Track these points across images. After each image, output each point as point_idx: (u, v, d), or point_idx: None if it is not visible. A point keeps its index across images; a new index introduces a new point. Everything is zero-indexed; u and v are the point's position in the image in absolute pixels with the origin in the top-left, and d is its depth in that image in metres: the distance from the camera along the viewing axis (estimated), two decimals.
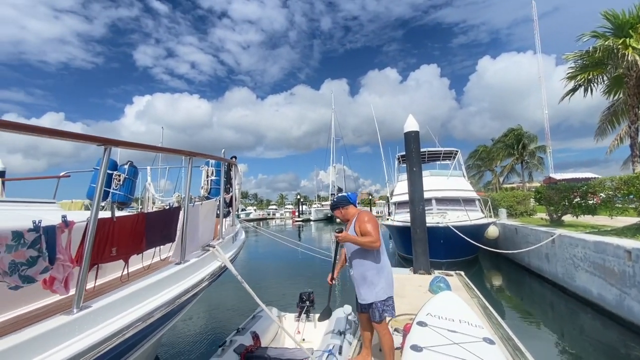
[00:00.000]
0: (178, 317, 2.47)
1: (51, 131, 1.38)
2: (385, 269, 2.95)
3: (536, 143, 28.95)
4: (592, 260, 6.76)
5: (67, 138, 1.47)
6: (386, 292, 2.92)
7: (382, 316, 2.90)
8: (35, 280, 1.35)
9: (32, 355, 1.25)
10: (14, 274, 1.28)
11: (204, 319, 7.17)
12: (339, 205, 3.06)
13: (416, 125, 7.82)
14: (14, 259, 1.28)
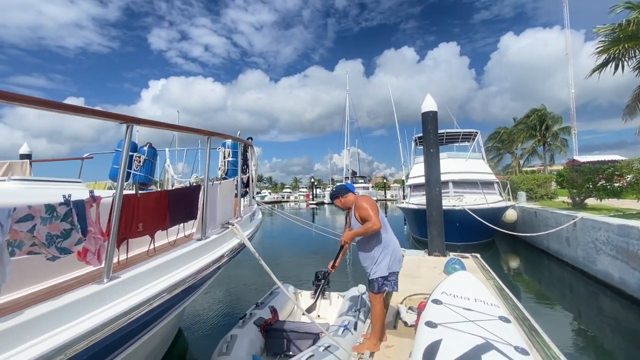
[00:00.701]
0: (200, 291, 2.59)
1: (77, 108, 1.42)
2: (389, 246, 3.05)
3: (560, 124, 27.72)
4: (615, 243, 6.56)
5: (92, 115, 1.52)
6: (390, 268, 3.02)
7: (381, 289, 3.01)
8: (70, 251, 1.44)
9: (68, 320, 1.34)
10: (52, 246, 1.36)
11: (223, 294, 7.46)
12: (338, 195, 3.21)
13: (434, 105, 7.62)
14: (50, 231, 1.36)
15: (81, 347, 1.28)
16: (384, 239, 3.04)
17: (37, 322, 1.23)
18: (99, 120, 1.62)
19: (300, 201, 63.39)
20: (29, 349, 1.16)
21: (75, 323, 1.33)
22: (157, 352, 3.64)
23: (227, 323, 5.54)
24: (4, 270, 1.17)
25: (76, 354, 1.26)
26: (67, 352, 1.23)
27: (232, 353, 3.12)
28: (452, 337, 2.34)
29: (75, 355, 1.26)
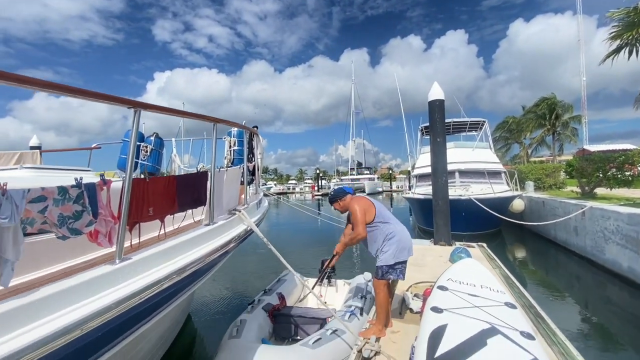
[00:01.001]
0: (208, 275, 2.63)
1: (86, 92, 1.44)
2: (394, 237, 3.08)
3: (571, 113, 27.18)
4: (625, 232, 6.49)
5: (100, 99, 1.53)
6: (396, 257, 3.05)
7: (384, 276, 3.07)
8: (81, 232, 1.47)
9: (83, 297, 1.39)
10: (63, 226, 1.40)
11: (230, 282, 7.59)
12: (336, 198, 3.28)
13: (441, 93, 7.52)
14: (62, 212, 1.39)
15: (97, 323, 1.33)
16: (387, 230, 3.08)
17: (53, 299, 1.28)
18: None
19: (306, 192, 63.54)
20: (47, 324, 1.21)
21: (90, 301, 1.38)
22: (167, 335, 3.74)
23: (235, 310, 5.64)
24: (18, 248, 1.20)
25: (92, 330, 1.31)
26: (84, 327, 1.27)
27: (242, 336, 3.20)
28: (457, 322, 2.36)
29: (91, 331, 1.31)
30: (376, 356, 2.78)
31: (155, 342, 3.23)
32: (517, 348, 2.07)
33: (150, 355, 3.29)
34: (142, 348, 2.87)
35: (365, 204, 3.10)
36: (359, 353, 2.80)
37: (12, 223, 1.15)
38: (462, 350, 2.02)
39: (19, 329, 1.16)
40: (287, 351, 3.04)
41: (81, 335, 1.28)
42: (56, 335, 1.18)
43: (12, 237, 1.17)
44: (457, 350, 2.02)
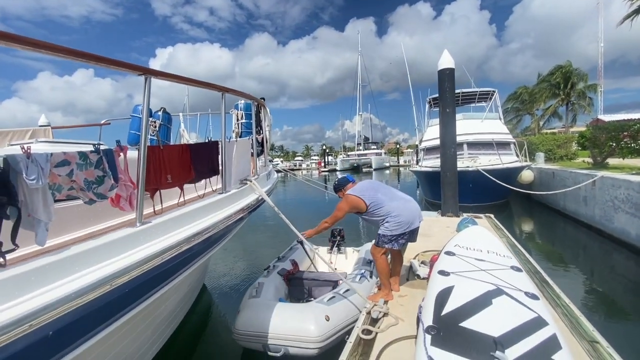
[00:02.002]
0: (222, 243, 2.73)
1: (94, 57, 1.45)
2: (394, 211, 3.12)
3: (586, 82, 26.14)
4: (635, 201, 6.44)
5: (109, 65, 1.55)
6: (393, 230, 3.11)
7: (380, 244, 3.17)
8: (106, 196, 1.54)
9: (106, 258, 1.47)
10: (90, 191, 1.46)
11: (242, 254, 7.83)
12: (340, 188, 3.38)
13: (452, 61, 7.28)
14: (87, 177, 1.45)
15: (123, 280, 1.42)
16: (381, 212, 3.14)
17: (81, 257, 1.36)
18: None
19: (313, 169, 63.61)
20: (77, 279, 1.30)
21: (115, 260, 1.46)
22: (185, 301, 3.94)
23: (247, 280, 5.88)
24: (49, 209, 1.27)
25: (120, 286, 1.40)
26: (113, 283, 1.36)
27: (262, 296, 3.47)
28: (464, 283, 2.43)
29: (119, 287, 1.40)
30: (384, 317, 2.90)
31: (174, 307, 3.42)
32: (521, 307, 2.14)
33: (170, 320, 3.49)
34: (162, 312, 3.04)
35: (353, 202, 3.16)
36: (367, 315, 2.92)
37: (40, 184, 1.21)
38: (468, 309, 2.10)
39: (51, 284, 1.24)
40: (304, 307, 3.30)
41: (110, 290, 1.37)
42: (86, 290, 1.27)
43: (41, 198, 1.23)
44: (463, 309, 2.11)
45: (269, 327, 3.06)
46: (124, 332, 2.32)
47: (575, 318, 2.83)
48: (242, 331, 3.18)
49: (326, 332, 3.06)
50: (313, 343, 3.00)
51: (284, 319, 3.12)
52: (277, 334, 3.06)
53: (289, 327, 3.06)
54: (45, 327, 1.07)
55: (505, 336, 1.84)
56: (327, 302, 3.31)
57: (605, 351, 2.34)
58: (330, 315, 3.17)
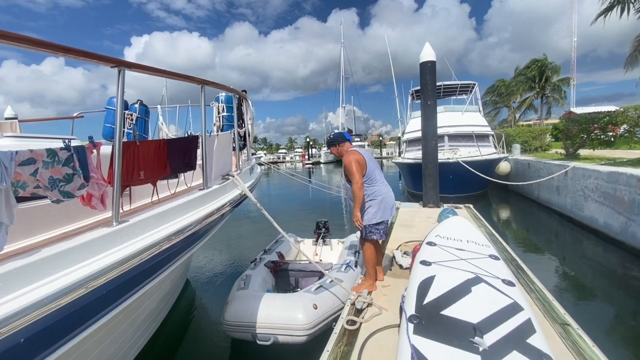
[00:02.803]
0: (205, 239, 2.69)
1: (65, 49, 1.37)
2: (378, 196, 3.15)
3: (559, 75, 27.13)
4: (603, 190, 6.78)
5: (79, 56, 1.47)
6: (379, 217, 3.14)
7: (368, 236, 3.19)
8: (73, 195, 1.47)
9: (82, 259, 1.41)
10: (54, 189, 1.39)
11: (226, 248, 7.75)
12: (335, 142, 3.24)
13: (433, 54, 7.35)
14: (52, 175, 1.38)
15: (100, 282, 1.37)
16: (370, 191, 3.14)
17: (53, 260, 1.30)
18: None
19: (296, 161, 63.39)
20: (50, 283, 1.24)
21: (90, 261, 1.41)
22: (168, 298, 3.87)
23: (232, 275, 5.83)
24: (11, 211, 1.20)
25: (97, 288, 1.35)
26: (88, 286, 1.31)
27: (250, 288, 3.54)
28: (444, 273, 2.50)
29: (96, 289, 1.35)
30: (368, 307, 2.96)
31: (156, 305, 3.35)
32: (498, 294, 2.23)
33: (152, 318, 3.43)
34: (143, 311, 2.97)
35: (360, 160, 3.05)
36: (352, 305, 2.97)
37: (3, 185, 1.14)
38: (449, 297, 2.17)
39: (21, 289, 1.17)
40: (293, 297, 3.39)
41: (86, 293, 1.32)
42: (60, 294, 1.21)
43: (4, 199, 1.16)
44: (444, 297, 2.17)
45: (258, 317, 3.13)
46: (103, 334, 2.26)
47: (548, 302, 2.97)
48: (232, 322, 3.23)
49: (314, 319, 3.16)
50: (302, 331, 3.09)
51: (273, 309, 3.19)
52: (266, 323, 3.13)
53: (277, 316, 3.15)
54: (15, 335, 1.02)
55: (484, 322, 1.91)
56: (314, 291, 3.41)
57: (576, 332, 2.48)
58: (318, 304, 3.27)
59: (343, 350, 2.44)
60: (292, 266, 4.37)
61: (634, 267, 5.41)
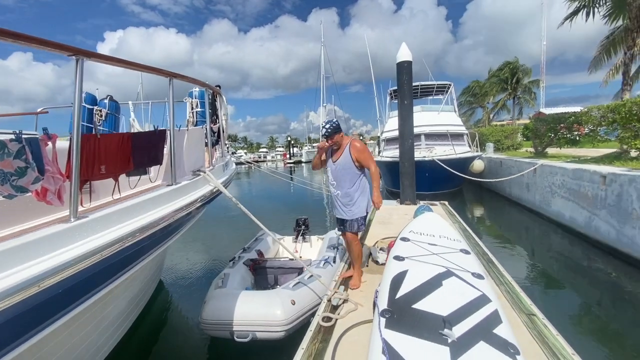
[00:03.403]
0: (176, 237, 2.61)
1: (15, 35, 1.28)
2: (366, 189, 3.22)
3: (529, 77, 28.34)
4: (569, 186, 7.13)
5: (31, 43, 1.37)
6: (367, 209, 3.24)
7: (360, 229, 3.24)
8: (27, 190, 1.38)
9: (32, 257, 1.32)
10: (5, 183, 1.30)
11: (204, 248, 7.58)
12: (338, 130, 3.15)
13: (409, 54, 7.48)
14: (2, 168, 1.29)
15: (54, 280, 1.29)
16: (362, 183, 3.19)
17: (2, 257, 1.21)
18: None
19: (278, 160, 62.90)
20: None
21: (45, 259, 1.32)
22: (138, 299, 3.74)
23: (210, 274, 5.71)
24: None
25: (51, 287, 1.27)
26: (41, 284, 1.23)
27: (228, 286, 3.53)
28: (417, 268, 2.54)
29: (50, 288, 1.27)
30: (344, 304, 2.97)
31: (125, 305, 3.23)
32: (467, 286, 2.28)
33: (121, 320, 3.30)
34: (111, 311, 2.85)
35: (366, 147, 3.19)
36: (328, 302, 2.97)
37: None
38: (420, 291, 2.20)
39: None
40: (271, 293, 3.40)
41: (39, 292, 1.24)
42: (8, 293, 1.13)
43: None
44: (416, 291, 2.20)
45: (236, 314, 3.13)
46: (64, 336, 2.15)
47: (516, 294, 3.08)
48: (209, 320, 3.22)
49: (292, 315, 3.18)
50: (280, 326, 3.11)
51: (251, 306, 3.20)
52: (244, 321, 3.14)
53: (256, 313, 3.16)
54: None
55: (453, 315, 1.95)
56: (292, 287, 3.43)
57: (541, 322, 2.58)
58: (296, 300, 3.28)
59: (318, 347, 2.43)
60: (271, 263, 4.36)
61: (597, 258, 5.72)
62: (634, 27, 9.06)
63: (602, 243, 5.96)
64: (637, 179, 5.13)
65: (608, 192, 5.81)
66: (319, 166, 3.37)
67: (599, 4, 10.04)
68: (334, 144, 3.12)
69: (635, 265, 5.12)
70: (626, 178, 5.37)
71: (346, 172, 3.12)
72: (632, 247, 5.21)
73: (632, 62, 9.56)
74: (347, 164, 3.11)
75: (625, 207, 5.37)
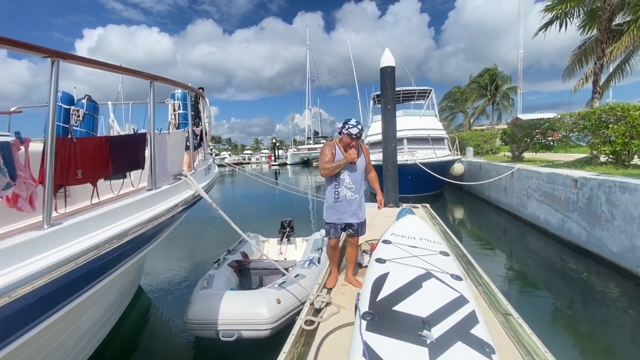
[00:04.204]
0: (155, 242, 2.56)
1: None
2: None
3: (509, 84, 29.36)
4: (543, 190, 7.42)
5: (8, 45, 1.33)
6: None
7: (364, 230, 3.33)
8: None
9: (4, 264, 1.27)
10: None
11: (186, 252, 7.42)
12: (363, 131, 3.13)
13: (392, 60, 7.61)
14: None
15: (26, 290, 1.25)
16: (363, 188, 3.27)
17: None
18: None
19: (262, 162, 62.45)
20: None
21: (14, 268, 1.28)
22: (116, 306, 3.63)
23: (192, 276, 5.61)
24: None
25: (23, 297, 1.23)
26: (12, 294, 1.19)
27: (213, 287, 3.58)
28: (398, 270, 2.59)
29: (22, 298, 1.23)
30: (327, 307, 2.98)
31: (102, 313, 3.13)
32: (446, 288, 2.34)
33: (98, 327, 3.20)
34: (86, 320, 2.76)
35: None
36: (311, 305, 2.97)
37: None
38: (401, 293, 2.24)
39: None
40: (256, 293, 3.46)
41: (9, 302, 1.20)
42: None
43: None
44: (396, 294, 2.24)
45: (221, 314, 3.18)
46: (37, 346, 2.07)
47: (494, 294, 3.18)
48: (195, 320, 3.25)
49: (277, 313, 3.26)
50: (265, 324, 3.17)
51: (237, 306, 3.26)
52: (230, 320, 3.18)
53: (241, 312, 3.21)
54: None
55: (432, 316, 2.00)
56: (277, 287, 3.51)
57: (516, 322, 2.67)
58: (282, 299, 3.36)
59: (300, 351, 2.43)
60: (256, 264, 4.43)
61: (570, 259, 5.97)
62: (603, 38, 9.56)
63: (574, 244, 6.23)
64: (605, 183, 5.40)
65: (579, 195, 6.08)
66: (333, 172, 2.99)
67: (572, 16, 10.53)
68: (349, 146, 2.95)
69: (604, 265, 5.38)
70: (596, 182, 5.64)
71: (362, 176, 3.16)
72: (601, 247, 5.47)
73: (602, 72, 10.05)
74: (363, 167, 3.13)
75: (594, 210, 5.63)
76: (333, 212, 3.15)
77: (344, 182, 3.07)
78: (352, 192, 3.10)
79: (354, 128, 2.88)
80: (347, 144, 2.94)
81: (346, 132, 2.90)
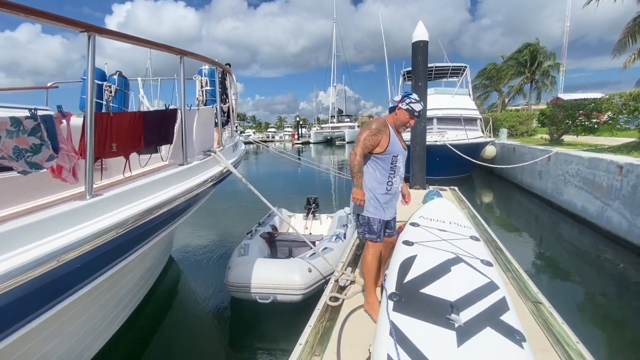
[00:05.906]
0: (186, 216, 2.65)
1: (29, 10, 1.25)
2: None
3: (553, 60, 27.15)
4: (583, 175, 6.97)
5: (46, 19, 1.35)
6: None
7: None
8: (42, 167, 1.40)
9: (50, 233, 1.35)
10: (20, 159, 1.31)
11: (215, 226, 7.69)
12: None
13: (426, 34, 7.20)
14: (17, 144, 1.30)
15: (72, 255, 1.32)
16: None
17: (22, 232, 1.25)
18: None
19: (286, 141, 62.73)
20: (18, 255, 1.19)
21: (62, 234, 1.36)
22: (149, 275, 3.85)
23: (220, 251, 5.84)
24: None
25: (68, 262, 1.31)
26: (60, 259, 1.27)
27: (249, 254, 3.88)
28: (426, 253, 2.54)
29: (68, 263, 1.31)
30: (351, 285, 3.01)
31: (136, 280, 3.33)
32: (476, 273, 2.28)
33: (132, 294, 3.42)
34: (123, 286, 2.95)
35: None
36: (335, 282, 3.01)
37: None
38: (429, 276, 2.21)
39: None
40: (290, 262, 3.81)
41: (57, 266, 1.28)
42: (29, 266, 1.17)
43: None
44: (424, 276, 2.21)
45: (259, 278, 3.51)
46: (81, 307, 2.23)
47: (523, 282, 3.08)
48: (235, 284, 3.58)
49: (309, 281, 3.56)
50: (298, 290, 3.49)
51: (272, 272, 3.58)
52: (266, 284, 3.51)
53: (276, 278, 3.53)
54: None
55: (461, 300, 1.96)
56: (309, 257, 3.81)
57: (547, 310, 2.59)
58: (312, 268, 3.64)
59: (325, 326, 2.49)
60: (285, 237, 4.72)
61: (607, 249, 5.66)
62: None
63: (613, 234, 5.87)
64: None
65: (623, 182, 5.66)
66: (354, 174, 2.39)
67: None
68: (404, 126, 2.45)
69: None
70: None
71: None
72: None
73: None
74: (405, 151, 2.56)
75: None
76: (384, 207, 2.55)
77: (399, 171, 2.50)
78: (400, 180, 2.60)
79: (417, 104, 2.33)
80: (404, 123, 2.40)
81: (406, 107, 2.33)
